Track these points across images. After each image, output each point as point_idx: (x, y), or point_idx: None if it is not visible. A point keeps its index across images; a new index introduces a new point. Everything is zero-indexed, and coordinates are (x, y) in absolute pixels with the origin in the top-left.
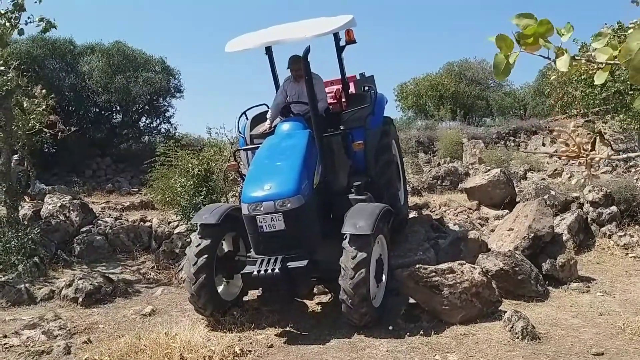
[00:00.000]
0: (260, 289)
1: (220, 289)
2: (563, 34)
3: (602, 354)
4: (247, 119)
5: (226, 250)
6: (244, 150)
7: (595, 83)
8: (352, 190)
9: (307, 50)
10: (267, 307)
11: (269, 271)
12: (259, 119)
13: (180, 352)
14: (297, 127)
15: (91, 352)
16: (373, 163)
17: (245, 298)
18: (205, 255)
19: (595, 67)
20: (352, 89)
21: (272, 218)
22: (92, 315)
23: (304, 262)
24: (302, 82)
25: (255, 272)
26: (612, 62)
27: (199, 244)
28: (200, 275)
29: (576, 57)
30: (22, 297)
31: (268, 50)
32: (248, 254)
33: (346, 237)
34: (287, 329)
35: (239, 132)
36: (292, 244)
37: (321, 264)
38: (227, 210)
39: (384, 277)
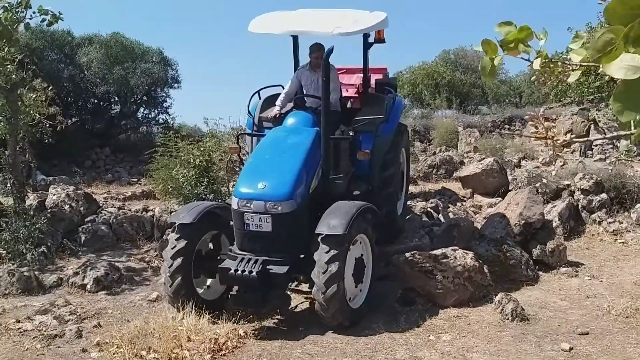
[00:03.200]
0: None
1: (204, 288)
2: (541, 39)
3: (587, 333)
4: (259, 98)
5: (208, 249)
6: (249, 135)
7: (569, 81)
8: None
9: (330, 51)
10: (237, 307)
11: (246, 272)
12: (272, 100)
13: (187, 334)
14: (306, 123)
15: (102, 335)
16: (377, 172)
17: None
18: (181, 257)
19: (571, 68)
20: (372, 82)
21: (260, 218)
22: (100, 301)
23: (284, 269)
24: (319, 72)
25: (232, 270)
26: (586, 63)
27: (175, 246)
28: (176, 277)
29: (552, 60)
30: (31, 284)
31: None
32: (230, 247)
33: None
34: (289, 315)
35: (248, 111)
36: (277, 247)
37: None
38: (205, 209)
39: (366, 278)
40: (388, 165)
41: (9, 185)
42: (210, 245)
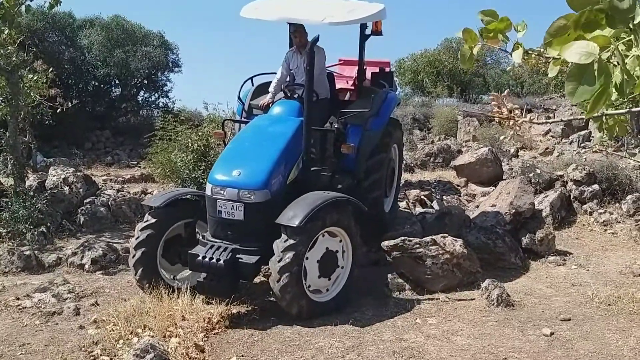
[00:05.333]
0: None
1: (184, 274)
2: (519, 31)
3: (570, 319)
4: (252, 85)
5: (184, 236)
6: (234, 121)
7: (549, 76)
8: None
9: (315, 40)
10: (202, 295)
11: (214, 260)
12: (265, 88)
13: (182, 314)
14: (291, 113)
15: (99, 313)
16: (363, 167)
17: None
18: (142, 249)
19: (544, 60)
20: (369, 75)
21: (232, 206)
22: (98, 281)
23: (254, 259)
24: (305, 53)
25: (200, 257)
26: (560, 57)
27: (138, 237)
28: (138, 268)
29: (529, 52)
30: (31, 263)
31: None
32: (203, 234)
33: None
34: None
35: (239, 97)
36: (249, 236)
37: None
38: (178, 196)
39: (342, 273)
40: (376, 160)
41: (9, 166)
42: (185, 233)
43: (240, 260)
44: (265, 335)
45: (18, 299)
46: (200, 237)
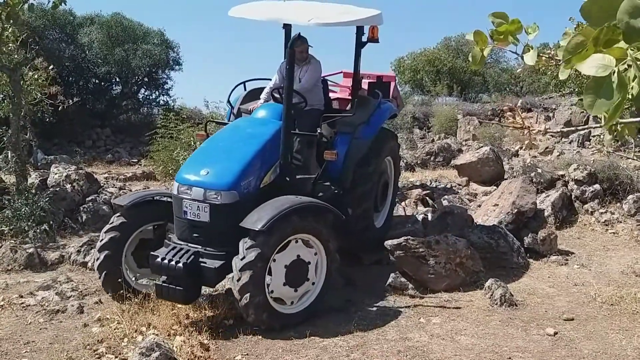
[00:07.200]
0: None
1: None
2: (530, 33)
3: (573, 319)
4: (245, 89)
5: (155, 238)
6: (217, 123)
7: (560, 79)
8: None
9: (295, 38)
10: (160, 298)
11: (173, 263)
12: (256, 93)
13: (186, 311)
14: (274, 116)
15: (103, 311)
16: (350, 176)
17: None
18: (106, 252)
19: (554, 63)
20: (366, 85)
21: (198, 207)
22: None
23: (218, 264)
24: (303, 66)
25: (159, 259)
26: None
27: (102, 239)
28: (102, 271)
29: (540, 54)
30: (33, 261)
31: (285, 24)
32: (170, 236)
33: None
34: None
35: (228, 101)
36: (215, 240)
37: None
38: (148, 196)
39: (308, 286)
40: (363, 169)
41: (11, 163)
42: (155, 235)
43: (202, 264)
44: (270, 334)
45: (21, 296)
46: (167, 239)
